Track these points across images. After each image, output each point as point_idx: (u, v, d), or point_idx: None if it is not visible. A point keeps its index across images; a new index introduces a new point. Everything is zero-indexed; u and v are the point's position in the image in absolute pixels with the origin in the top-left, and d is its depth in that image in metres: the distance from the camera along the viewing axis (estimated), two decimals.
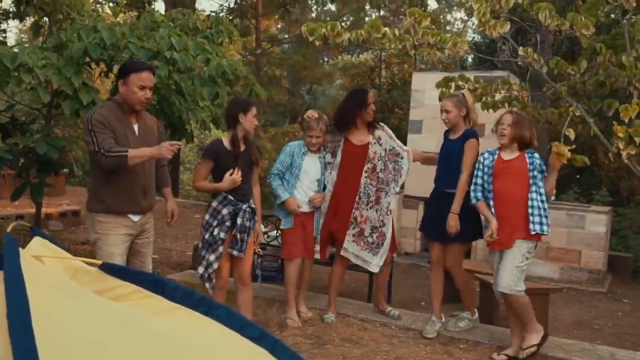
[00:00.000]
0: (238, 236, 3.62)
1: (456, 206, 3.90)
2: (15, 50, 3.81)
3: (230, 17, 15.29)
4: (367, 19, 19.45)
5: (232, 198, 3.61)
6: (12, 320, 1.25)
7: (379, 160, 4.23)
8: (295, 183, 4.27)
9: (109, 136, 3.01)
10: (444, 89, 4.66)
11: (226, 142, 3.65)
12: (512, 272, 3.60)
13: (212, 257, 3.59)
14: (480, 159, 3.83)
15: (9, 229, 1.71)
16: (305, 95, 26.35)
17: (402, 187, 6.06)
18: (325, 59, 24.59)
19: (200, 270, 3.62)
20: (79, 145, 12.97)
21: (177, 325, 1.75)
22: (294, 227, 4.26)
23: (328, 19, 21.63)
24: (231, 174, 3.54)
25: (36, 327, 1.27)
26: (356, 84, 17.14)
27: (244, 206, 3.64)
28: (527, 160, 3.65)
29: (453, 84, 4.61)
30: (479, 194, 3.77)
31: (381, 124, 4.39)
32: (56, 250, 1.93)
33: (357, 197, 4.22)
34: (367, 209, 4.24)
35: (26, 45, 5.23)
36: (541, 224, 3.58)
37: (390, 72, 16.54)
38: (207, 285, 3.62)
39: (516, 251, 3.61)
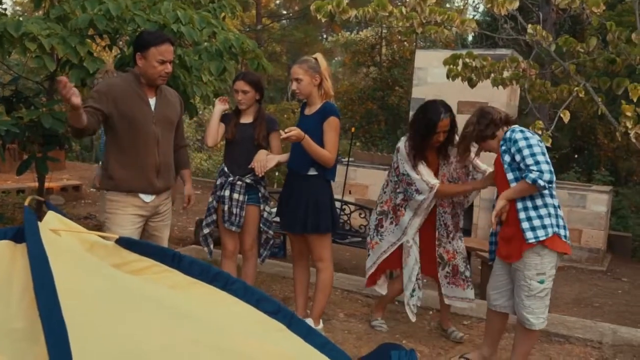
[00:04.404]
0: (226, 209, 3.57)
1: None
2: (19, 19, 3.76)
3: None
4: None
5: (226, 170, 3.63)
6: (39, 294, 1.25)
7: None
8: None
9: (92, 107, 2.84)
10: (451, 66, 4.62)
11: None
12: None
13: (204, 222, 3.74)
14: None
15: (26, 203, 1.69)
16: None
17: None
18: (324, 36, 24.36)
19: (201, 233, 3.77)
20: None
21: (193, 300, 1.76)
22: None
23: None
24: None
25: (62, 300, 1.27)
26: (356, 61, 17.02)
27: (233, 178, 3.57)
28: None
29: (460, 61, 4.57)
30: None
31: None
32: (71, 224, 1.91)
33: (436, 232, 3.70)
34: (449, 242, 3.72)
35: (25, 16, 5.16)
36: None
37: (390, 49, 16.39)
38: (205, 249, 3.78)
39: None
